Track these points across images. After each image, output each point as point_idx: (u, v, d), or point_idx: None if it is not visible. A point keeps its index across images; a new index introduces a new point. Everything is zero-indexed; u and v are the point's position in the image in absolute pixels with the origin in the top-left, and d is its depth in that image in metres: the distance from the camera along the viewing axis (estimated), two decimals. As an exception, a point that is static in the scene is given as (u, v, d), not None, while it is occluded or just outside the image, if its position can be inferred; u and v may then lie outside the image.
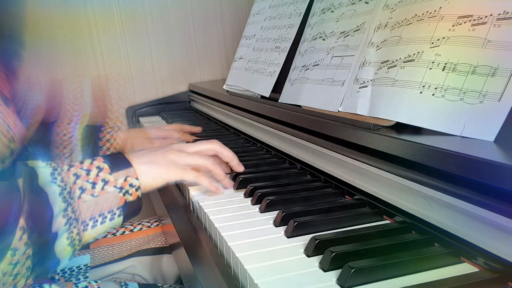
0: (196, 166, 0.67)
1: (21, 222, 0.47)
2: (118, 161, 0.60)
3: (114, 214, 0.57)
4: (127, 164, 0.60)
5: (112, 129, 0.96)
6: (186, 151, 0.68)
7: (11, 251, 0.46)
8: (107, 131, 0.95)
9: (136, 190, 0.59)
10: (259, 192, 0.62)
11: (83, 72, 1.47)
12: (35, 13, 1.38)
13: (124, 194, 0.58)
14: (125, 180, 0.58)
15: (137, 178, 0.59)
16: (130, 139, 0.96)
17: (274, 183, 0.68)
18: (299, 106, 0.75)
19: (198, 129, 1.08)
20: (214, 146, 0.72)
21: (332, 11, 0.76)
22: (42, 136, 0.92)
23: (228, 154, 0.72)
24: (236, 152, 0.88)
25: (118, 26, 1.49)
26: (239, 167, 0.73)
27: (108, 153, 0.94)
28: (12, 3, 0.63)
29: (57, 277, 0.75)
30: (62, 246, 0.52)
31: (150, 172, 0.62)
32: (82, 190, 0.55)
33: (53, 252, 0.51)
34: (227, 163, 0.74)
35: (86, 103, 0.94)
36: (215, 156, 0.72)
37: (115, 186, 0.57)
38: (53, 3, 1.40)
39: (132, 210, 0.59)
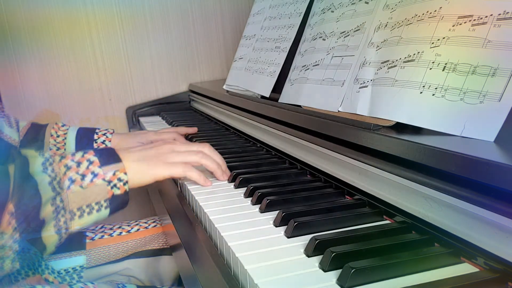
0: (186, 163, 0.69)
1: (10, 207, 0.50)
2: (109, 155, 0.62)
3: (101, 206, 0.59)
4: (117, 159, 0.62)
5: (107, 131, 0.96)
6: (177, 150, 0.69)
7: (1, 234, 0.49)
8: (102, 133, 0.96)
9: (124, 184, 0.61)
10: (259, 192, 0.62)
11: (83, 72, 1.47)
12: (35, 13, 1.38)
13: (112, 188, 0.60)
14: (114, 174, 0.60)
15: (125, 173, 0.61)
16: (125, 142, 0.97)
17: (274, 183, 0.68)
18: (299, 106, 0.75)
19: (194, 129, 1.08)
20: (203, 149, 0.72)
21: (332, 11, 0.76)
22: (35, 137, 0.92)
23: (211, 165, 0.71)
24: (236, 152, 0.88)
25: (118, 26, 1.49)
26: (222, 177, 0.72)
27: None
28: None
29: (50, 278, 0.75)
30: (49, 233, 0.54)
31: (139, 168, 0.64)
32: (72, 181, 0.57)
33: (39, 238, 0.54)
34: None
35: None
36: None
37: (103, 179, 0.59)
38: (53, 3, 1.40)
39: (119, 203, 0.61)
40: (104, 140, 0.96)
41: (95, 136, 0.96)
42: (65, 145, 0.94)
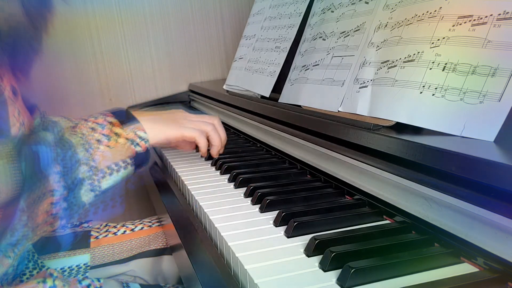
0: (198, 129, 0.75)
1: (57, 167, 0.56)
2: (126, 116, 0.68)
3: (128, 163, 0.64)
4: (134, 119, 0.68)
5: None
6: (189, 118, 0.76)
7: (52, 192, 0.54)
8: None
9: (145, 142, 0.66)
10: (259, 192, 0.62)
11: (83, 72, 1.47)
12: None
13: (135, 146, 0.65)
14: (135, 133, 0.66)
15: (144, 132, 0.66)
16: None
17: (274, 183, 0.68)
18: (299, 106, 0.75)
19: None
20: (214, 121, 0.78)
21: (332, 11, 0.76)
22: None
23: (215, 140, 0.77)
24: (236, 152, 0.88)
25: (118, 26, 1.49)
26: (215, 155, 0.79)
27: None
28: (43, 2, 0.70)
29: (55, 274, 0.75)
30: (86, 191, 0.59)
31: (154, 127, 0.69)
32: (99, 142, 0.62)
33: (79, 196, 0.58)
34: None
35: None
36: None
37: (126, 138, 0.64)
38: (53, 3, 1.40)
39: (142, 160, 0.66)
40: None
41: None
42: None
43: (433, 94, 0.48)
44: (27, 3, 0.60)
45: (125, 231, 0.90)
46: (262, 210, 0.59)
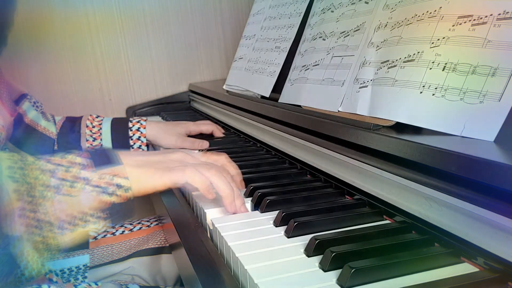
0: (192, 182, 0.59)
1: None
2: (106, 157, 0.54)
3: (97, 217, 0.51)
4: (115, 161, 0.54)
5: (140, 119, 0.98)
6: (186, 161, 0.62)
7: None
8: (136, 120, 0.97)
9: (126, 191, 0.53)
10: (259, 192, 0.62)
11: (83, 72, 1.47)
12: (35, 13, 1.38)
13: (110, 195, 0.52)
14: (112, 179, 0.52)
15: (126, 177, 0.53)
16: (163, 132, 0.98)
17: (274, 183, 0.68)
18: (299, 106, 0.75)
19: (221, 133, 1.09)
20: (220, 161, 0.65)
21: (332, 11, 0.76)
22: (71, 129, 0.94)
23: (222, 188, 0.59)
24: (236, 152, 0.88)
25: (118, 26, 1.49)
26: (230, 207, 0.59)
27: (138, 143, 0.96)
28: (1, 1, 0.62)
29: (54, 278, 0.75)
30: (23, 250, 0.45)
31: (139, 174, 0.55)
32: (58, 188, 0.49)
33: (9, 255, 0.44)
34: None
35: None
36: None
37: (98, 186, 0.51)
38: (53, 3, 1.40)
39: (120, 214, 0.53)
40: (139, 128, 0.97)
41: (130, 124, 0.97)
42: (101, 135, 0.95)
43: (433, 94, 0.48)
44: None
45: (123, 231, 0.90)
46: (262, 210, 0.59)
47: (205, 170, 0.58)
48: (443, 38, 0.49)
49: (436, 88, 0.48)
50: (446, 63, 0.48)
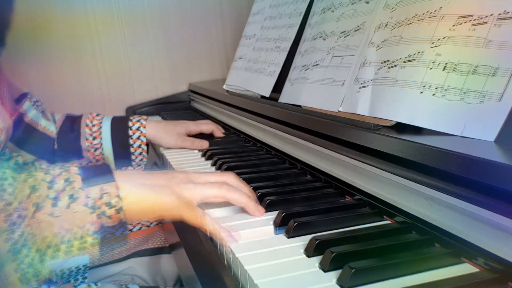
0: (205, 199, 0.57)
1: None
2: (97, 173, 0.48)
3: (84, 241, 0.46)
4: (107, 178, 0.48)
5: (141, 118, 0.97)
6: (193, 181, 0.57)
7: None
8: (136, 119, 0.97)
9: (117, 211, 0.47)
10: (259, 192, 0.62)
11: (83, 72, 1.47)
12: (36, 13, 1.38)
13: (99, 216, 0.46)
14: (101, 197, 0.47)
15: (118, 196, 0.47)
16: (163, 131, 0.98)
17: (274, 183, 0.68)
18: (299, 106, 0.75)
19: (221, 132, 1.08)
20: (229, 180, 0.60)
21: (332, 11, 0.76)
22: (71, 128, 0.94)
23: (239, 198, 0.57)
24: (236, 152, 0.88)
25: (118, 26, 1.49)
26: (258, 212, 0.57)
27: (138, 142, 0.95)
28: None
29: (54, 279, 0.75)
30: (10, 272, 0.42)
31: (140, 193, 0.50)
32: (38, 207, 0.43)
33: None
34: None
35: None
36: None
37: (85, 205, 0.46)
38: (54, 3, 1.40)
39: (112, 236, 0.50)
40: (139, 127, 0.97)
41: (130, 123, 0.97)
42: (100, 134, 0.95)
43: (433, 94, 0.48)
44: None
45: (123, 231, 0.90)
46: (262, 210, 0.59)
47: (215, 189, 0.57)
48: (444, 38, 0.49)
49: (436, 88, 0.48)
50: (446, 63, 0.48)
